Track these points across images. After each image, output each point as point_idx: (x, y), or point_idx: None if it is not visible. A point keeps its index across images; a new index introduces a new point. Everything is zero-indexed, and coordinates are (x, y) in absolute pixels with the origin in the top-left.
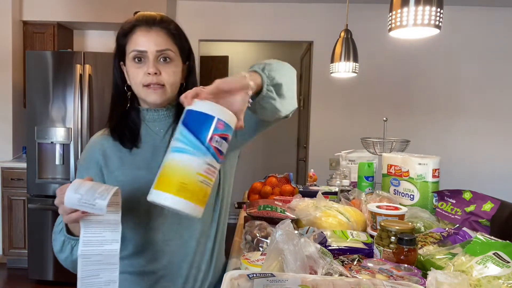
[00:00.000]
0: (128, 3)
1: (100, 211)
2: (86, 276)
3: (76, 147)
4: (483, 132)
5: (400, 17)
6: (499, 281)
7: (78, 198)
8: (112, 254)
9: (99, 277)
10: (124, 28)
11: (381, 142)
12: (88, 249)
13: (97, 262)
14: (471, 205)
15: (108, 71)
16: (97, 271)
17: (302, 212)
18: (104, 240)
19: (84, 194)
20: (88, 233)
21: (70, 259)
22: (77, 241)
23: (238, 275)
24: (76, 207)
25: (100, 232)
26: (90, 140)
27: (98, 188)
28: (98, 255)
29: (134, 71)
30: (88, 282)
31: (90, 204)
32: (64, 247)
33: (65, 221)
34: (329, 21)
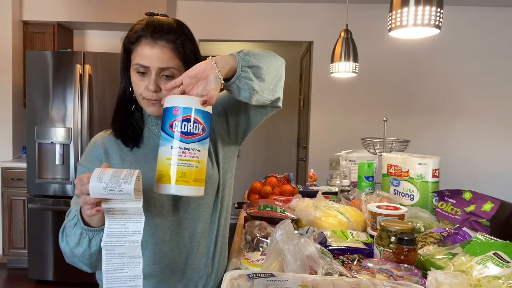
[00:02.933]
0: (128, 3)
1: (128, 196)
2: (110, 270)
3: (76, 147)
4: (483, 132)
5: (400, 17)
6: (499, 281)
7: (104, 186)
8: (135, 245)
9: (124, 271)
10: (131, 37)
11: (381, 142)
12: (111, 240)
13: (121, 255)
14: (471, 205)
15: (108, 71)
16: (121, 265)
17: (302, 212)
18: (127, 231)
19: (109, 181)
20: (112, 224)
21: (88, 253)
22: (95, 232)
23: (238, 275)
24: (102, 196)
25: (124, 223)
26: (91, 141)
27: (120, 174)
28: (121, 246)
29: (136, 82)
30: (113, 276)
31: (117, 191)
32: (81, 241)
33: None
34: (329, 21)
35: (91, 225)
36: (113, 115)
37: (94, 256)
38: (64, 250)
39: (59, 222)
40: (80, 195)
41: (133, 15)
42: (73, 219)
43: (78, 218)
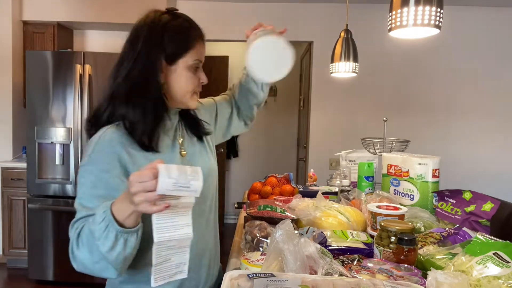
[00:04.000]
0: (128, 3)
1: (195, 192)
2: (159, 262)
3: (76, 147)
4: (483, 132)
5: (400, 17)
6: (499, 281)
7: (173, 182)
8: (185, 237)
9: (171, 261)
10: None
11: (381, 142)
12: (162, 236)
13: (171, 247)
14: (471, 205)
15: (108, 71)
16: (169, 255)
17: (302, 212)
18: (177, 225)
19: (177, 177)
20: (161, 220)
21: (123, 256)
22: (129, 234)
23: (238, 275)
24: (170, 192)
25: (172, 218)
26: (102, 135)
27: (186, 170)
28: (172, 240)
29: (189, 78)
30: (160, 267)
31: (185, 187)
32: (116, 243)
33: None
34: (329, 21)
35: (125, 226)
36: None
37: (127, 259)
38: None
39: (59, 222)
40: (138, 192)
41: (133, 15)
42: (102, 223)
43: (110, 221)
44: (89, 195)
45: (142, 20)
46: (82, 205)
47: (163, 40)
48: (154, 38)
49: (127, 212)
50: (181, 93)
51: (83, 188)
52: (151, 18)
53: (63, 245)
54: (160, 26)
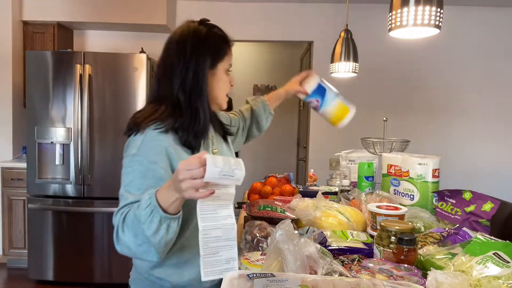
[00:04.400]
0: (128, 3)
1: (237, 181)
2: (207, 254)
3: (76, 147)
4: (483, 132)
5: (400, 17)
6: (499, 281)
7: (219, 171)
8: (230, 228)
9: (219, 255)
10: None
11: (381, 142)
12: (206, 225)
13: (217, 238)
14: (471, 205)
15: (108, 71)
16: (217, 248)
17: (302, 212)
18: (220, 216)
19: (223, 166)
20: (204, 210)
21: (164, 240)
22: (172, 220)
23: (238, 275)
24: (216, 180)
25: (215, 209)
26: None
27: (230, 160)
28: (217, 229)
29: (225, 81)
30: (210, 260)
31: (229, 176)
32: (159, 227)
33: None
34: (329, 21)
35: (168, 212)
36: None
37: (169, 244)
38: (124, 241)
39: (59, 222)
40: (186, 179)
41: (133, 15)
42: (148, 208)
43: (155, 206)
44: (137, 183)
45: (184, 32)
46: (129, 192)
47: (207, 48)
48: (200, 47)
49: (171, 199)
50: (221, 95)
51: (131, 177)
52: (192, 29)
53: (63, 245)
54: (203, 35)
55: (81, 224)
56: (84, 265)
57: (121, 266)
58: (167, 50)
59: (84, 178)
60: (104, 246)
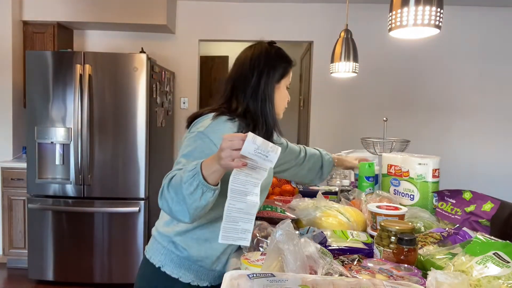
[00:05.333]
0: (128, 3)
1: (270, 163)
2: (228, 221)
3: (76, 147)
4: (483, 132)
5: (400, 17)
6: (499, 281)
7: (255, 148)
8: (253, 204)
9: (238, 224)
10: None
11: (381, 142)
12: (234, 196)
13: (239, 210)
14: (471, 205)
15: (108, 71)
16: (237, 218)
17: (302, 212)
18: (247, 191)
19: (260, 145)
20: (235, 183)
21: (197, 204)
22: (208, 188)
23: (238, 275)
24: (250, 156)
25: (244, 184)
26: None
27: (268, 143)
28: (243, 203)
29: (286, 95)
30: (229, 226)
31: (263, 155)
32: (196, 190)
33: (223, 165)
34: (329, 21)
35: (207, 181)
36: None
37: (199, 209)
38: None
39: (59, 222)
40: (226, 148)
41: (133, 15)
42: (192, 171)
43: (197, 171)
44: (194, 155)
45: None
46: (185, 159)
47: (276, 65)
48: (271, 63)
49: (212, 169)
50: (281, 106)
51: (190, 148)
52: (264, 48)
53: (63, 245)
54: (273, 54)
55: (81, 224)
56: (84, 265)
57: (121, 266)
58: (241, 64)
59: (84, 178)
60: (104, 246)
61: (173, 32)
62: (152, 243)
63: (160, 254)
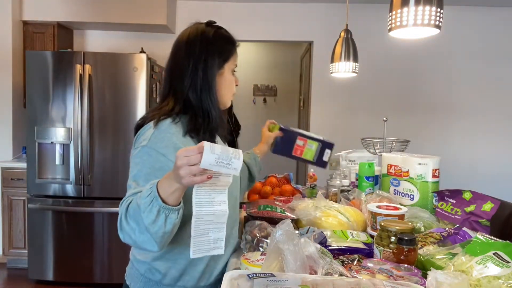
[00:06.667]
0: (128, 3)
1: (235, 170)
2: (197, 235)
3: (76, 147)
4: (483, 132)
5: (400, 17)
6: (499, 281)
7: (216, 158)
8: (222, 213)
9: (208, 235)
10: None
11: (381, 142)
12: (200, 210)
13: (209, 222)
14: (471, 205)
15: (108, 71)
16: (207, 230)
17: (302, 212)
18: (214, 201)
19: (220, 154)
20: (199, 195)
21: (162, 230)
22: (171, 211)
23: (238, 275)
24: (212, 168)
25: (210, 194)
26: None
27: (229, 150)
28: (211, 215)
29: (232, 80)
30: (199, 240)
31: (226, 164)
32: (157, 217)
33: (186, 183)
34: (329, 21)
35: (168, 203)
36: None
37: (166, 235)
38: (127, 229)
39: (59, 222)
40: (183, 165)
41: (133, 15)
42: (148, 197)
43: (155, 196)
44: (145, 174)
45: (192, 34)
46: (136, 182)
47: (215, 49)
48: (208, 48)
49: (171, 189)
50: (226, 94)
51: (139, 167)
52: (200, 31)
53: (63, 245)
54: (211, 37)
55: (81, 224)
56: (84, 265)
57: (121, 266)
58: (176, 51)
59: (84, 178)
60: (104, 246)
61: (173, 32)
62: (130, 268)
63: (139, 281)
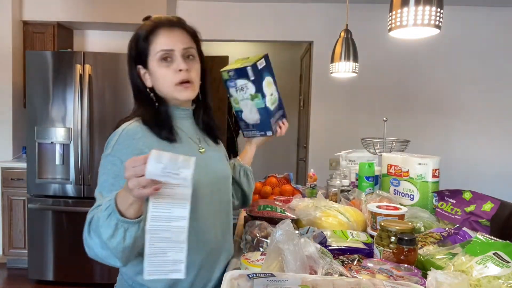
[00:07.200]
0: (128, 3)
1: (184, 180)
2: (153, 253)
3: (76, 147)
4: (483, 132)
5: (400, 17)
6: (499, 281)
7: (162, 167)
8: (180, 231)
9: (167, 255)
10: (146, 30)
11: (381, 142)
12: (156, 224)
13: (166, 239)
14: (471, 205)
15: (108, 71)
16: (165, 249)
17: (302, 212)
18: (172, 216)
19: (167, 163)
20: (157, 208)
21: (122, 246)
22: (130, 224)
23: (238, 275)
24: (159, 178)
25: (169, 208)
26: (126, 128)
27: (178, 158)
28: (167, 231)
29: (163, 71)
30: (155, 260)
31: (174, 174)
32: (116, 232)
33: (141, 194)
34: (329, 21)
35: (126, 216)
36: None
37: (127, 250)
38: (90, 244)
39: (59, 222)
40: (132, 177)
41: (133, 15)
42: (107, 210)
43: (112, 209)
44: (110, 184)
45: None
46: (101, 193)
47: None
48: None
49: (128, 202)
50: (166, 89)
51: (104, 177)
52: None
53: (63, 245)
54: (132, 38)
55: (81, 224)
56: (84, 265)
57: None
58: None
59: (84, 178)
60: None
61: None
62: (119, 279)
63: None
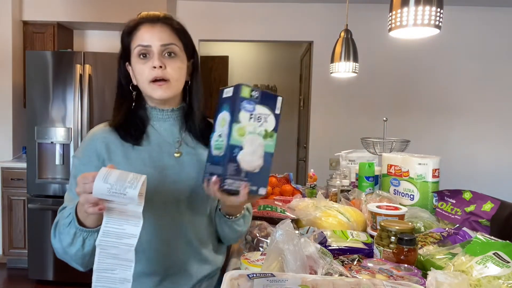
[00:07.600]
0: (128, 3)
1: (131, 200)
2: (102, 269)
3: (76, 147)
4: (483, 132)
5: (400, 17)
6: (499, 281)
7: (108, 187)
8: (128, 248)
9: (115, 272)
10: (129, 26)
11: (381, 142)
12: (106, 240)
13: (114, 256)
14: (471, 205)
15: (108, 71)
16: (113, 265)
17: (302, 212)
18: (124, 233)
19: (114, 183)
20: (109, 224)
21: (81, 253)
22: (89, 233)
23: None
24: (105, 197)
25: (121, 224)
26: (89, 133)
27: (127, 177)
28: (116, 248)
29: (140, 67)
30: (104, 276)
31: (120, 194)
32: (75, 240)
33: (88, 212)
34: (329, 21)
35: (86, 225)
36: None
37: (87, 257)
38: (56, 247)
39: None
40: (81, 193)
41: (133, 15)
42: (68, 218)
43: (73, 217)
44: (70, 184)
45: None
46: (68, 195)
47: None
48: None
49: (86, 213)
50: (142, 86)
51: (70, 179)
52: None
53: None
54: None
55: None
56: None
57: None
58: None
59: None
60: None
61: None
62: None
63: None
